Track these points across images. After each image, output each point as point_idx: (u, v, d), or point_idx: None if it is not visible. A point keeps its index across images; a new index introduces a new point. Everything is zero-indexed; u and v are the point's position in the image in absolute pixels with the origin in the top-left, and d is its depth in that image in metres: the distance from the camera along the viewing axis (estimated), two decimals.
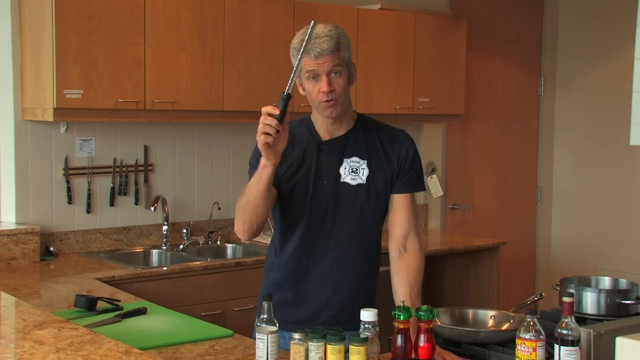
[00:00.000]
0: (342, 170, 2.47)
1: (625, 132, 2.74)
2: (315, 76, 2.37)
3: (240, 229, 2.42)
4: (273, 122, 2.18)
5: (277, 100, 2.22)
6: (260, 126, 2.19)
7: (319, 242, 2.48)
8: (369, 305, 2.44)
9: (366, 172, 2.47)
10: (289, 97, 2.19)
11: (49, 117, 3.69)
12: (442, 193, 5.46)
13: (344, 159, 2.47)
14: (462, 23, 5.15)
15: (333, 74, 2.37)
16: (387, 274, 2.53)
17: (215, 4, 4.07)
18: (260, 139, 2.20)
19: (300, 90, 2.48)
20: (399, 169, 2.50)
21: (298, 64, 2.27)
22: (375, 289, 2.61)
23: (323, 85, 2.36)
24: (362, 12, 4.65)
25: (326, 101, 2.38)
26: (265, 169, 2.28)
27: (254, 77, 4.21)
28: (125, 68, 3.81)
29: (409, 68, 4.86)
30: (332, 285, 2.49)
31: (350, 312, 2.40)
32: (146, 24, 3.86)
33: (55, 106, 3.64)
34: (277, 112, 2.18)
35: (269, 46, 4.24)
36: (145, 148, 4.32)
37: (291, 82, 2.22)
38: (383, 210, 2.54)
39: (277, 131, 2.18)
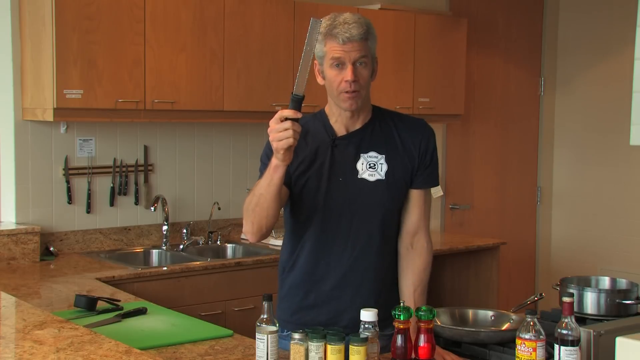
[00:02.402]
0: (359, 166, 2.36)
1: (625, 132, 2.74)
2: (340, 64, 2.27)
3: (249, 231, 2.32)
4: (299, 127, 2.09)
5: (277, 100, 2.19)
6: (285, 132, 2.08)
7: (337, 242, 2.38)
8: (394, 303, 2.42)
9: (385, 167, 2.37)
10: (303, 97, 2.10)
11: (49, 117, 3.69)
12: (442, 193, 5.46)
13: (361, 154, 2.37)
14: (462, 23, 5.16)
15: (359, 64, 2.28)
16: None
17: (215, 4, 4.07)
18: (283, 143, 2.09)
19: (319, 80, 2.36)
20: (420, 163, 2.40)
21: (304, 58, 2.09)
22: (398, 287, 2.51)
23: (348, 73, 2.26)
24: (362, 12, 4.64)
25: (348, 92, 2.28)
26: (278, 170, 2.17)
27: (254, 77, 4.21)
28: (125, 68, 3.81)
29: (409, 68, 4.87)
30: (353, 287, 2.39)
31: None
32: (146, 24, 3.86)
33: (55, 106, 3.64)
34: (299, 115, 2.09)
35: (269, 46, 4.25)
36: (145, 148, 4.32)
37: (302, 81, 2.09)
38: (402, 206, 2.44)
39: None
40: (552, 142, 6.19)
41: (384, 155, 2.38)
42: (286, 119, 2.09)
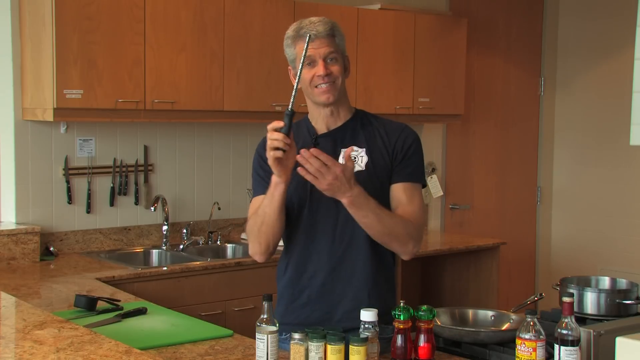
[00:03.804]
0: (340, 160, 2.37)
1: (625, 132, 2.75)
2: (311, 62, 2.34)
3: (257, 252, 2.38)
4: (280, 136, 2.16)
5: (277, 100, 2.21)
6: (268, 142, 2.18)
7: (325, 235, 2.39)
8: (389, 296, 2.41)
9: (365, 159, 2.40)
10: (292, 113, 2.18)
11: (49, 117, 3.69)
12: (442, 193, 5.46)
13: (342, 150, 2.40)
14: (462, 23, 5.16)
15: (329, 60, 2.35)
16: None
17: (215, 4, 4.07)
18: (270, 155, 2.18)
19: (294, 83, 2.38)
20: (393, 157, 2.41)
21: (298, 80, 2.24)
22: (394, 279, 2.50)
23: (320, 68, 2.33)
24: (362, 12, 4.65)
25: (322, 85, 2.34)
26: (278, 187, 2.25)
27: (254, 77, 4.21)
28: (125, 68, 3.81)
29: (409, 68, 4.87)
30: (345, 280, 2.39)
31: (367, 306, 2.22)
32: (146, 24, 3.86)
33: (55, 106, 3.64)
34: (281, 124, 2.17)
35: (269, 46, 4.24)
36: (145, 148, 4.32)
37: (294, 99, 2.19)
38: (387, 198, 2.41)
39: (286, 145, 2.17)
40: (552, 142, 6.19)
41: (364, 149, 2.41)
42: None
